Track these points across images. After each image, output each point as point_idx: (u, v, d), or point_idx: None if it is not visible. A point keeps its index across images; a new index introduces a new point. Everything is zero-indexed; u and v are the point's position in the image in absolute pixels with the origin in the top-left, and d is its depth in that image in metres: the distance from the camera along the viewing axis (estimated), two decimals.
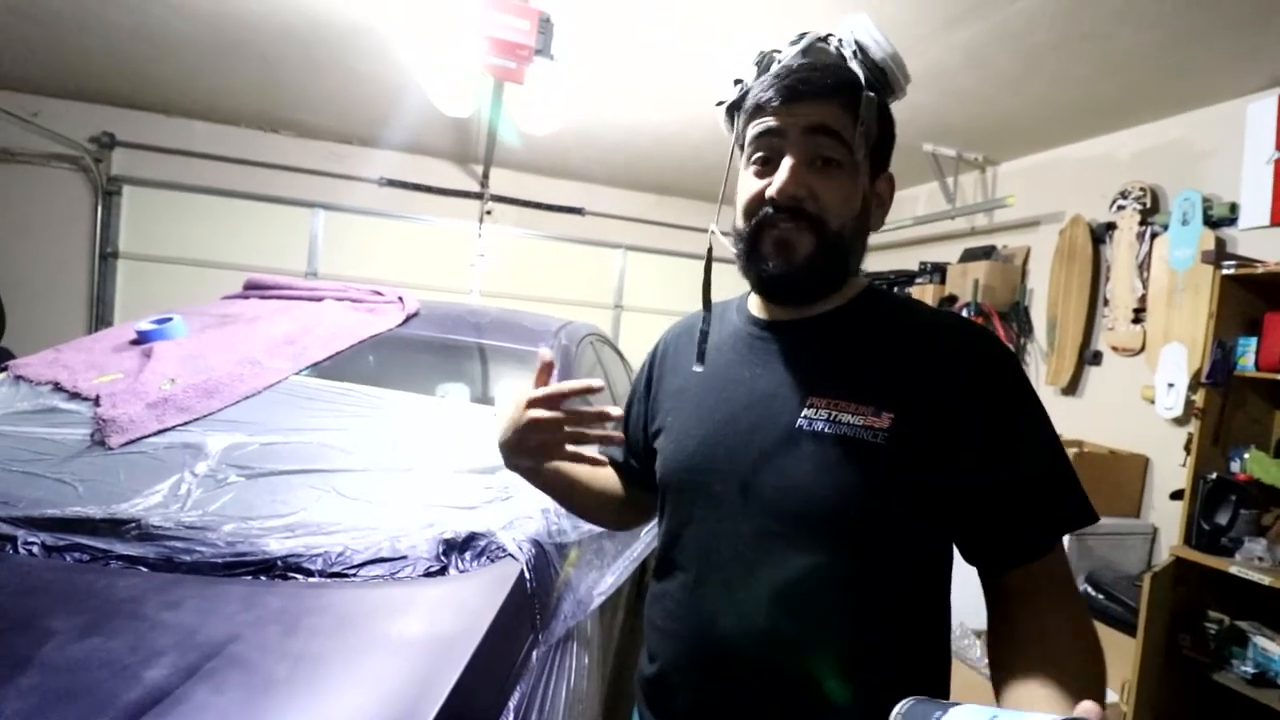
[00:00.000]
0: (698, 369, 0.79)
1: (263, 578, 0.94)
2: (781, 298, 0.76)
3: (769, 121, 0.70)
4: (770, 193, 0.69)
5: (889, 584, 0.68)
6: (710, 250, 0.80)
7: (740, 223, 0.74)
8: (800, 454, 0.67)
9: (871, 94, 0.69)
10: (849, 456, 0.65)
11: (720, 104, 0.79)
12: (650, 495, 0.89)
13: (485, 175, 4.53)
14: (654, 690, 0.78)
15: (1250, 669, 1.87)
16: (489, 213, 4.65)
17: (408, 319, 1.91)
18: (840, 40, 0.72)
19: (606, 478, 0.95)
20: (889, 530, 0.67)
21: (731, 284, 0.81)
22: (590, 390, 0.75)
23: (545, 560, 1.08)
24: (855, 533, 0.66)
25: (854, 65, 0.70)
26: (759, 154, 0.72)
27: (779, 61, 0.73)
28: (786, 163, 0.69)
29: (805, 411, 0.69)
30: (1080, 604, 0.66)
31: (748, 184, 0.73)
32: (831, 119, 0.68)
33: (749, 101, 0.73)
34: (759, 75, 0.75)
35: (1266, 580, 1.79)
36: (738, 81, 0.77)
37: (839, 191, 0.69)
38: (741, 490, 0.71)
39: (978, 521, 0.67)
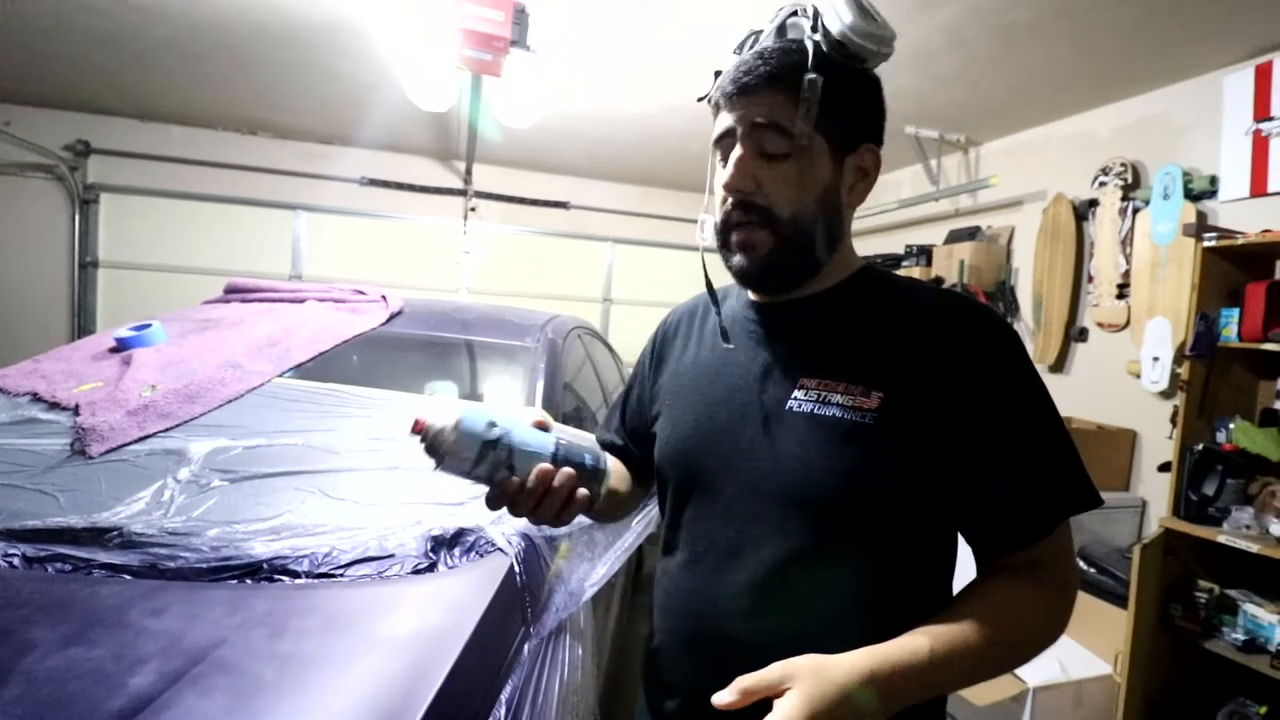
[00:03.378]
0: (728, 346, 0.78)
1: (248, 581, 0.92)
2: (755, 289, 0.77)
3: (725, 120, 0.71)
4: (718, 186, 0.71)
5: (878, 569, 0.66)
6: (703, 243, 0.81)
7: (716, 218, 0.74)
8: (790, 435, 0.68)
9: (813, 75, 0.66)
10: (837, 437, 0.65)
11: (701, 99, 0.78)
12: (647, 480, 0.90)
13: (468, 171, 4.50)
14: (653, 665, 0.80)
15: (1241, 636, 1.90)
16: (473, 209, 4.62)
17: (391, 317, 1.89)
18: (808, 13, 0.71)
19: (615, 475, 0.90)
20: (877, 513, 0.65)
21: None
22: None
23: (535, 554, 1.07)
24: (842, 515, 0.66)
25: (812, 40, 0.68)
26: (719, 153, 0.73)
27: (758, 43, 0.73)
28: (734, 155, 0.70)
29: (796, 393, 0.69)
30: (1061, 586, 0.65)
31: (718, 179, 0.74)
32: (774, 110, 0.67)
33: (711, 98, 0.74)
34: None
35: (1254, 548, 1.81)
36: (718, 74, 0.76)
37: (786, 181, 0.69)
38: (733, 473, 0.71)
39: (973, 503, 0.66)
